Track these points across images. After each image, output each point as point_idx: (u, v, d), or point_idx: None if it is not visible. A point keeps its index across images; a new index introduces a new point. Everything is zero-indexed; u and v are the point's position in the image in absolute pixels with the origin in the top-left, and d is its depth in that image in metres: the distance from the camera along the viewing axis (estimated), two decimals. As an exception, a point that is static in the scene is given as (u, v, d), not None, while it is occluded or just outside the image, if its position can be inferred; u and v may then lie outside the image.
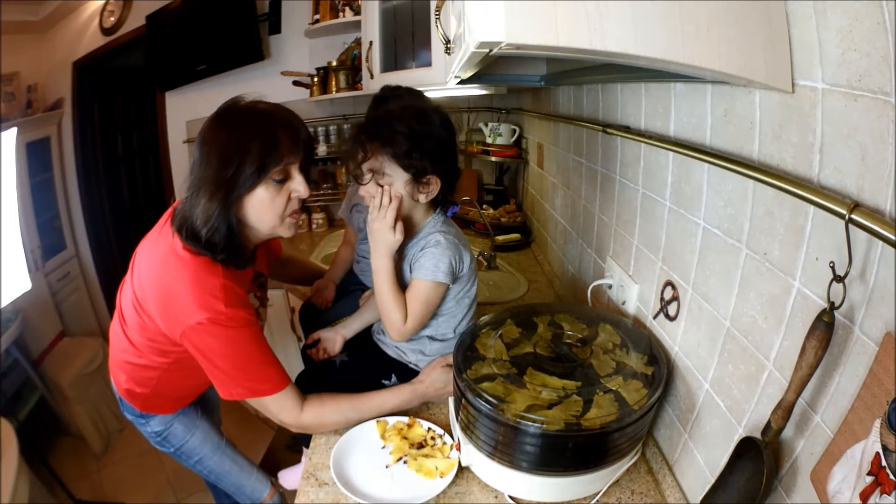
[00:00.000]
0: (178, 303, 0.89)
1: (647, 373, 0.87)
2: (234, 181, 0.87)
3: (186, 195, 0.91)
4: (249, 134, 0.87)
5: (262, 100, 0.95)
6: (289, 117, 0.93)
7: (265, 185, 0.90)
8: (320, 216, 2.63)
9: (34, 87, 2.89)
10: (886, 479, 0.44)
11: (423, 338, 1.13)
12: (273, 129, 0.89)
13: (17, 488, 1.73)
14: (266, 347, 0.97)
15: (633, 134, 0.98)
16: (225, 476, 1.30)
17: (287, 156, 0.90)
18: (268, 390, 0.95)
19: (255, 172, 0.87)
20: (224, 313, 0.88)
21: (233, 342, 0.91)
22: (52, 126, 2.95)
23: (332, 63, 2.37)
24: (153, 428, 1.20)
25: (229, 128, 0.88)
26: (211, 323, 0.88)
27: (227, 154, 0.86)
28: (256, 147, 0.86)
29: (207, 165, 0.87)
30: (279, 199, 0.92)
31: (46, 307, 2.80)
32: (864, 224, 0.45)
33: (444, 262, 0.99)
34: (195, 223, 0.88)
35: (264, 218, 0.94)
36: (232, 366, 0.93)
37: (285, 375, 0.98)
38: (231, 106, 0.92)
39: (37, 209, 2.79)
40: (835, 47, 0.51)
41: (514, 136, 2.28)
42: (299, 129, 0.93)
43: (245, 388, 0.94)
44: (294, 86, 2.48)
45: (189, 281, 0.89)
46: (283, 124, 0.91)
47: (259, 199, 0.91)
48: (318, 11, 2.33)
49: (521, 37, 0.52)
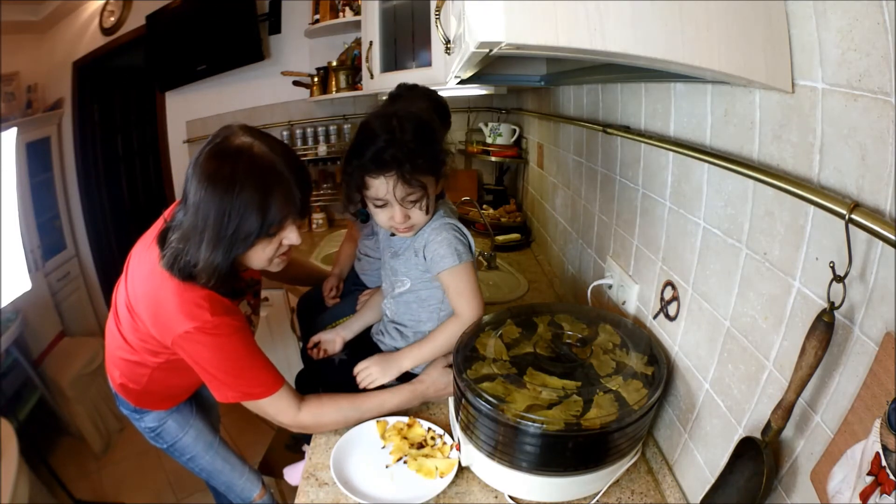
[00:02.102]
0: (165, 313, 0.91)
1: (647, 373, 0.87)
2: (236, 237, 0.87)
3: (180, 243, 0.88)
4: (244, 190, 0.84)
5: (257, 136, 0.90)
6: (282, 167, 0.88)
7: (259, 240, 0.90)
8: (320, 216, 2.63)
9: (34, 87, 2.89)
10: (886, 479, 0.44)
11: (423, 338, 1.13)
12: (268, 188, 0.86)
13: (17, 488, 1.73)
14: (256, 351, 0.97)
15: (633, 134, 0.98)
16: (216, 474, 1.31)
17: (281, 215, 0.89)
18: (261, 394, 0.96)
19: (252, 233, 0.87)
20: (210, 322, 0.90)
21: (222, 349, 0.92)
22: (52, 126, 2.95)
23: (332, 63, 2.37)
24: (147, 424, 1.22)
25: (226, 179, 0.84)
26: (198, 332, 0.89)
27: (225, 209, 0.84)
28: (252, 207, 0.85)
29: (206, 214, 0.85)
30: (270, 247, 0.94)
31: (46, 307, 2.80)
32: (864, 224, 0.45)
33: (459, 240, 1.03)
34: (197, 272, 0.88)
35: (254, 263, 0.97)
36: (223, 372, 0.94)
37: (278, 377, 0.98)
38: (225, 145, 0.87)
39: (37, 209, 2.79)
40: (835, 47, 0.51)
41: (514, 136, 2.28)
42: (291, 185, 0.89)
43: (238, 392, 0.95)
44: (294, 86, 2.48)
45: (174, 291, 0.90)
46: (278, 179, 0.87)
47: (252, 251, 0.92)
48: (318, 11, 2.33)
49: (521, 37, 0.52)
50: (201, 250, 0.86)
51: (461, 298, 1.04)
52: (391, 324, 1.17)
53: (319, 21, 2.32)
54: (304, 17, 2.42)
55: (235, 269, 0.95)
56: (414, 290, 1.10)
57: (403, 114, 0.97)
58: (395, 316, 1.16)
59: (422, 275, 1.08)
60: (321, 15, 2.32)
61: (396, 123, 0.94)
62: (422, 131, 0.95)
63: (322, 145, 2.52)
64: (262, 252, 0.93)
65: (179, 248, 0.89)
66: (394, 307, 1.15)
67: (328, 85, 2.39)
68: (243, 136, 0.88)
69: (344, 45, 2.43)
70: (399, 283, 1.11)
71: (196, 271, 0.88)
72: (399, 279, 1.10)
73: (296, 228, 0.94)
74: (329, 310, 1.49)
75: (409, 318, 1.13)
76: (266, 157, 0.87)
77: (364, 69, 1.91)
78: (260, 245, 0.91)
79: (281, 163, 0.88)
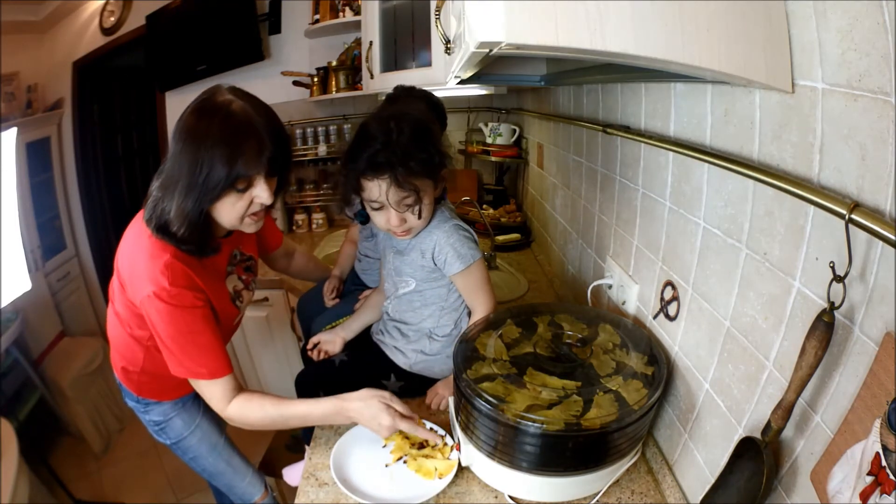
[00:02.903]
0: (137, 273, 0.95)
1: (647, 373, 0.87)
2: (206, 185, 0.89)
3: (159, 191, 0.94)
4: (216, 143, 0.87)
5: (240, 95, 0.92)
6: (257, 124, 0.90)
7: (227, 192, 0.92)
8: (320, 216, 2.63)
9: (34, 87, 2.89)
10: (886, 479, 0.44)
11: (424, 337, 1.13)
12: (237, 143, 0.88)
13: (17, 488, 1.73)
14: (211, 335, 0.97)
15: (633, 134, 0.98)
16: (218, 476, 1.31)
17: (250, 167, 0.90)
18: (203, 375, 0.97)
19: (220, 182, 0.89)
20: (167, 290, 0.91)
21: (174, 320, 0.93)
22: (52, 126, 2.95)
23: (332, 63, 2.37)
24: (152, 417, 1.22)
25: (201, 132, 0.88)
26: (156, 297, 0.91)
27: (197, 159, 0.88)
28: (221, 158, 0.87)
29: (181, 166, 0.89)
30: (240, 204, 0.94)
31: (46, 307, 2.80)
32: (864, 224, 0.45)
33: (468, 240, 1.05)
34: (170, 220, 0.92)
35: (224, 219, 0.97)
36: (172, 342, 0.95)
37: (226, 366, 0.99)
38: (207, 102, 0.91)
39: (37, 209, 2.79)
40: (835, 47, 0.51)
41: (514, 136, 2.28)
42: (264, 141, 0.90)
43: (184, 367, 0.96)
44: (294, 86, 2.48)
45: (148, 253, 0.94)
46: (250, 135, 0.89)
47: (222, 203, 0.93)
48: (318, 11, 2.33)
49: (521, 37, 0.52)
50: (175, 198, 0.90)
51: (477, 295, 1.08)
52: (391, 322, 1.17)
53: (319, 21, 2.31)
54: (304, 17, 2.42)
55: (208, 224, 0.96)
56: (419, 291, 1.10)
57: (401, 116, 0.97)
58: (396, 315, 1.16)
59: (428, 275, 1.08)
60: (321, 15, 2.32)
61: (394, 125, 0.94)
62: (419, 134, 0.95)
63: (322, 145, 2.52)
64: (231, 207, 0.94)
65: (158, 197, 0.94)
66: (397, 306, 1.15)
67: (328, 85, 2.39)
68: (227, 95, 0.92)
69: (344, 45, 2.43)
70: (403, 283, 1.11)
71: (169, 219, 0.91)
72: (403, 279, 1.11)
73: (267, 187, 0.94)
74: (329, 310, 1.49)
75: (412, 316, 1.14)
76: (242, 113, 0.90)
77: (364, 69, 1.91)
78: (229, 199, 0.92)
79: (258, 121, 0.91)
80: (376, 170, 0.93)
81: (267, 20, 2.49)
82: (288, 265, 1.54)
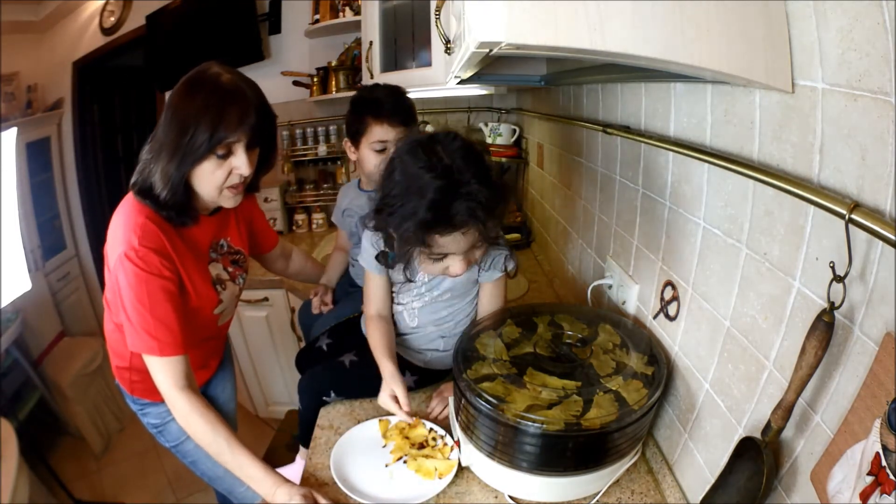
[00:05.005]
0: (113, 239, 0.96)
1: (647, 373, 0.87)
2: (189, 148, 0.92)
3: (148, 154, 0.96)
4: (201, 107, 0.91)
5: (230, 70, 0.97)
6: (243, 93, 0.94)
7: (209, 158, 0.94)
8: (320, 216, 2.63)
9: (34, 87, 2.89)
10: (886, 479, 0.44)
11: (439, 339, 1.13)
12: (222, 107, 0.92)
13: (17, 488, 1.73)
14: (171, 311, 0.96)
15: (633, 134, 0.98)
16: (217, 480, 1.30)
17: (232, 133, 0.93)
18: (153, 350, 0.95)
19: (203, 144, 0.92)
20: (135, 249, 0.92)
21: (137, 285, 0.93)
22: (52, 126, 2.95)
23: (332, 63, 2.37)
24: (150, 420, 1.21)
25: (189, 98, 0.92)
26: (125, 257, 0.92)
27: (185, 122, 0.91)
28: (207, 119, 0.91)
29: (169, 130, 0.92)
30: (219, 172, 0.96)
31: (46, 307, 2.80)
32: (864, 224, 0.45)
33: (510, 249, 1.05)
34: (154, 182, 0.94)
35: (203, 187, 0.98)
36: (132, 309, 0.94)
37: (178, 347, 0.97)
38: (198, 74, 0.95)
39: (37, 209, 2.79)
40: (835, 47, 0.51)
41: (514, 136, 2.28)
42: (249, 109, 0.94)
43: (139, 338, 0.95)
44: (294, 86, 2.48)
45: (124, 217, 0.96)
46: (234, 101, 0.93)
47: (203, 170, 0.95)
48: (318, 11, 2.33)
49: (521, 37, 0.52)
50: (160, 160, 0.93)
51: (499, 302, 1.09)
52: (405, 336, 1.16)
53: (319, 21, 2.31)
54: (304, 17, 2.42)
55: (188, 192, 0.98)
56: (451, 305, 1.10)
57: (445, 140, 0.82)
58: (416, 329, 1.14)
59: (465, 285, 1.08)
60: (321, 15, 2.32)
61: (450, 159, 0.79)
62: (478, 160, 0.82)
63: (322, 145, 2.52)
64: (211, 175, 0.95)
65: (146, 160, 0.97)
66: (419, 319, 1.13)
67: (328, 85, 2.39)
68: (217, 69, 0.96)
69: (344, 45, 2.43)
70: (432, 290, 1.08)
71: (153, 181, 0.94)
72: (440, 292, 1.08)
73: (247, 158, 0.96)
74: (329, 313, 1.49)
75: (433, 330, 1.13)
76: (231, 83, 0.94)
77: (364, 69, 1.91)
78: (209, 165, 0.94)
79: (246, 91, 0.95)
80: (458, 225, 0.79)
81: (267, 20, 2.49)
82: (286, 266, 1.54)
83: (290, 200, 2.63)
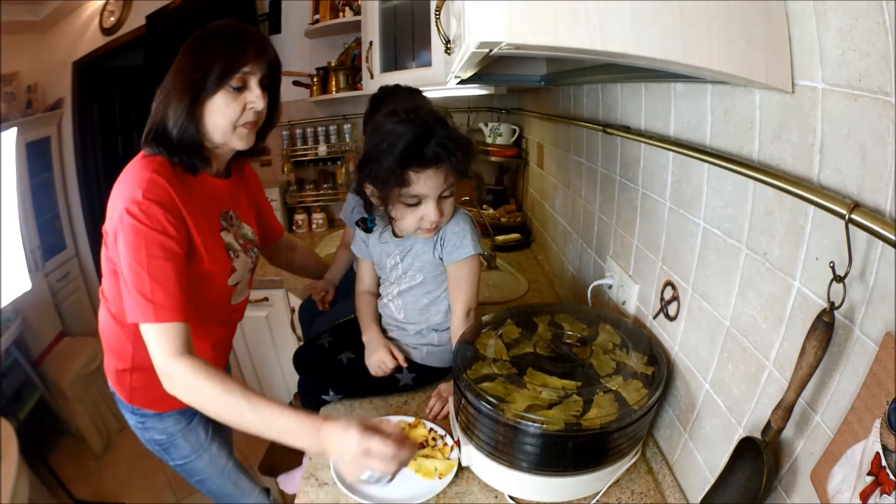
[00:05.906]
0: (115, 202, 0.91)
1: (647, 373, 0.87)
2: (202, 82, 0.92)
3: (157, 100, 0.97)
4: (219, 40, 0.94)
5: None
6: (259, 34, 0.99)
7: (224, 90, 0.94)
8: (320, 216, 2.63)
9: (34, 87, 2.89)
10: (886, 479, 0.44)
11: (431, 332, 1.13)
12: (242, 40, 0.95)
13: (17, 488, 1.73)
14: (172, 275, 0.88)
15: (633, 134, 0.98)
16: (224, 497, 1.27)
17: (248, 64, 0.94)
18: (149, 314, 0.85)
19: (219, 75, 0.92)
20: (137, 202, 0.86)
21: (135, 241, 0.86)
22: (52, 126, 2.95)
23: (332, 63, 2.37)
24: (153, 436, 1.13)
25: (202, 41, 0.95)
26: (128, 213, 0.86)
27: (199, 57, 0.93)
28: (223, 51, 0.93)
29: (182, 71, 0.94)
30: (235, 105, 0.95)
31: (46, 307, 2.80)
32: (864, 224, 0.45)
33: (474, 232, 1.04)
34: (167, 120, 0.94)
35: (218, 123, 0.96)
36: (130, 271, 0.86)
37: (177, 313, 0.87)
38: (210, 25, 0.98)
39: (37, 209, 2.79)
40: (835, 47, 0.51)
41: (514, 136, 2.28)
42: (266, 47, 0.97)
43: (136, 303, 0.86)
44: (294, 86, 2.48)
45: (128, 176, 0.92)
46: (252, 40, 0.96)
47: (216, 104, 0.95)
48: (318, 11, 2.33)
49: (521, 37, 0.52)
50: (171, 100, 0.94)
51: (463, 288, 1.06)
52: (395, 323, 1.17)
53: (319, 21, 2.31)
54: (304, 17, 2.42)
55: (200, 134, 0.97)
56: (427, 288, 1.11)
57: (420, 107, 0.96)
58: (401, 315, 1.15)
59: (437, 268, 1.08)
60: (321, 15, 2.32)
61: (428, 116, 0.93)
62: (445, 121, 0.95)
63: (322, 145, 2.52)
64: (225, 108, 0.95)
65: (156, 107, 0.96)
66: (401, 307, 1.14)
67: (328, 85, 2.39)
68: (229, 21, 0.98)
69: (344, 45, 2.43)
70: (408, 278, 1.11)
71: (167, 119, 0.94)
72: (409, 274, 1.10)
73: (260, 93, 0.96)
74: (330, 311, 1.49)
75: (418, 315, 1.13)
76: (246, 26, 0.98)
77: (364, 69, 1.91)
78: (223, 98, 0.94)
79: (257, 33, 0.99)
80: (431, 160, 0.91)
81: (267, 20, 2.49)
82: (291, 259, 1.53)
83: (290, 200, 2.63)
